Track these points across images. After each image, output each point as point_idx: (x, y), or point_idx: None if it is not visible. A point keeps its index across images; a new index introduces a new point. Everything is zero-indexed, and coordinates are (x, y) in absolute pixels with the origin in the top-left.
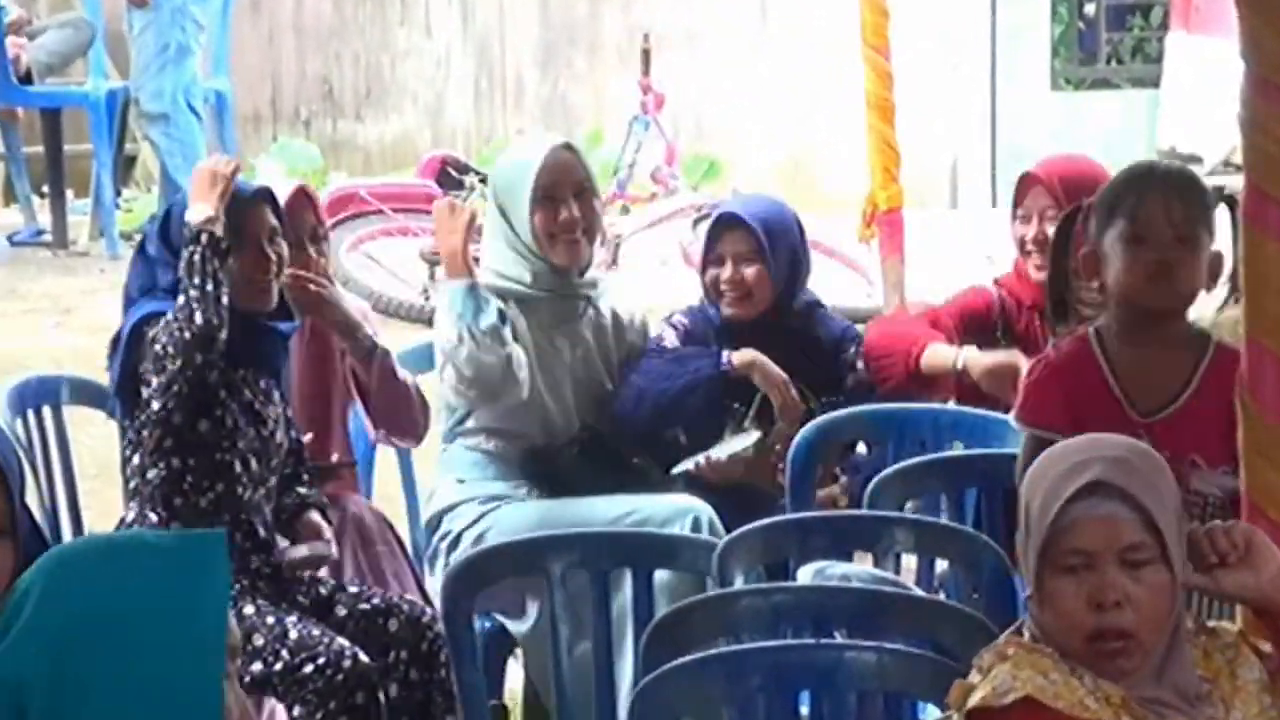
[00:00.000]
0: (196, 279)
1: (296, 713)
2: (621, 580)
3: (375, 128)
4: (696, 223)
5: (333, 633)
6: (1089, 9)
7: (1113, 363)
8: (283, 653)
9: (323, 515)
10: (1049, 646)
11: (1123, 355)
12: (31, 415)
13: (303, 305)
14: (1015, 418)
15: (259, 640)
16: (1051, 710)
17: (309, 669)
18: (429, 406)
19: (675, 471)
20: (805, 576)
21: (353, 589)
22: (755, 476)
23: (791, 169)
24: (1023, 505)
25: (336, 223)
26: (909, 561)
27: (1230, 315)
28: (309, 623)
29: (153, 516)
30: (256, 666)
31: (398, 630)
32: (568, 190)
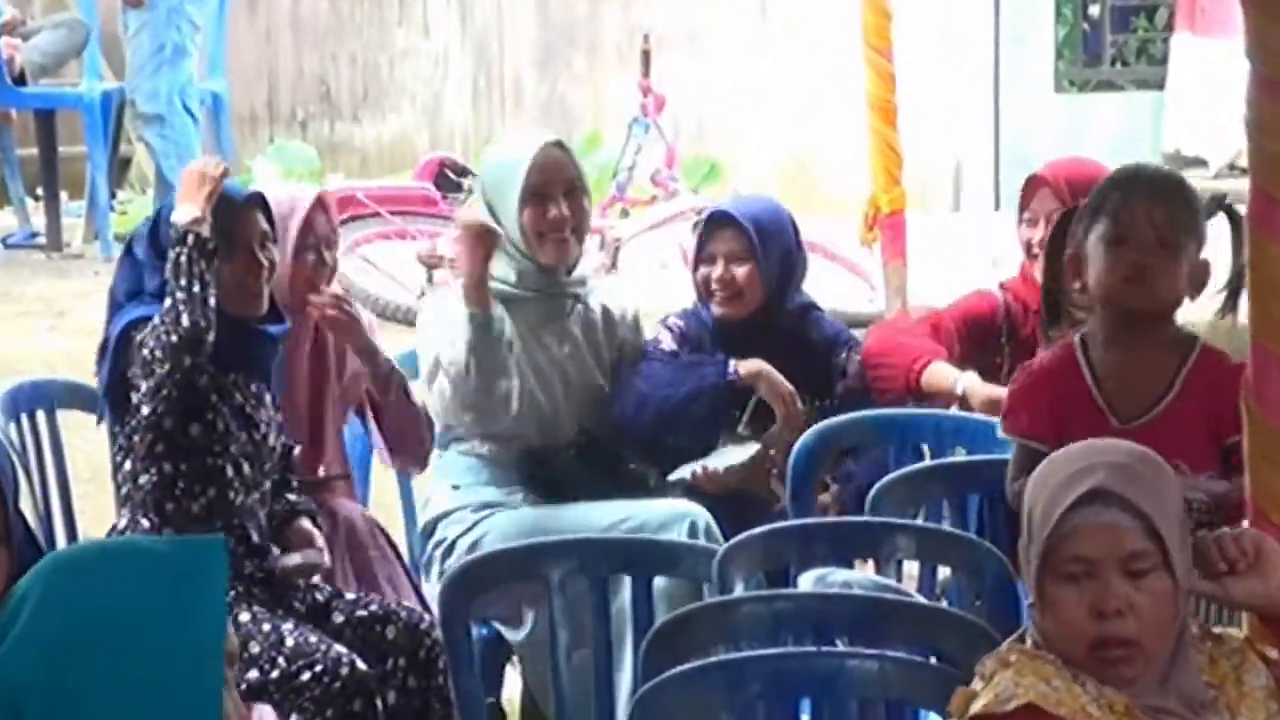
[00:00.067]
0: (183, 281)
1: None
2: (620, 587)
3: (372, 129)
4: (696, 225)
5: (330, 640)
6: (1093, 10)
7: (1095, 369)
8: (279, 660)
9: (313, 522)
10: (1051, 653)
11: (1106, 361)
12: (25, 420)
13: (333, 329)
14: (1001, 428)
15: (255, 648)
16: (1054, 717)
17: (306, 676)
18: (434, 427)
19: (672, 478)
20: (806, 583)
21: (349, 595)
22: (749, 483)
23: (793, 170)
24: (1025, 512)
25: None
26: (911, 568)
27: (1225, 324)
28: (305, 630)
29: (145, 522)
30: (253, 674)
31: (395, 637)
32: (558, 189)
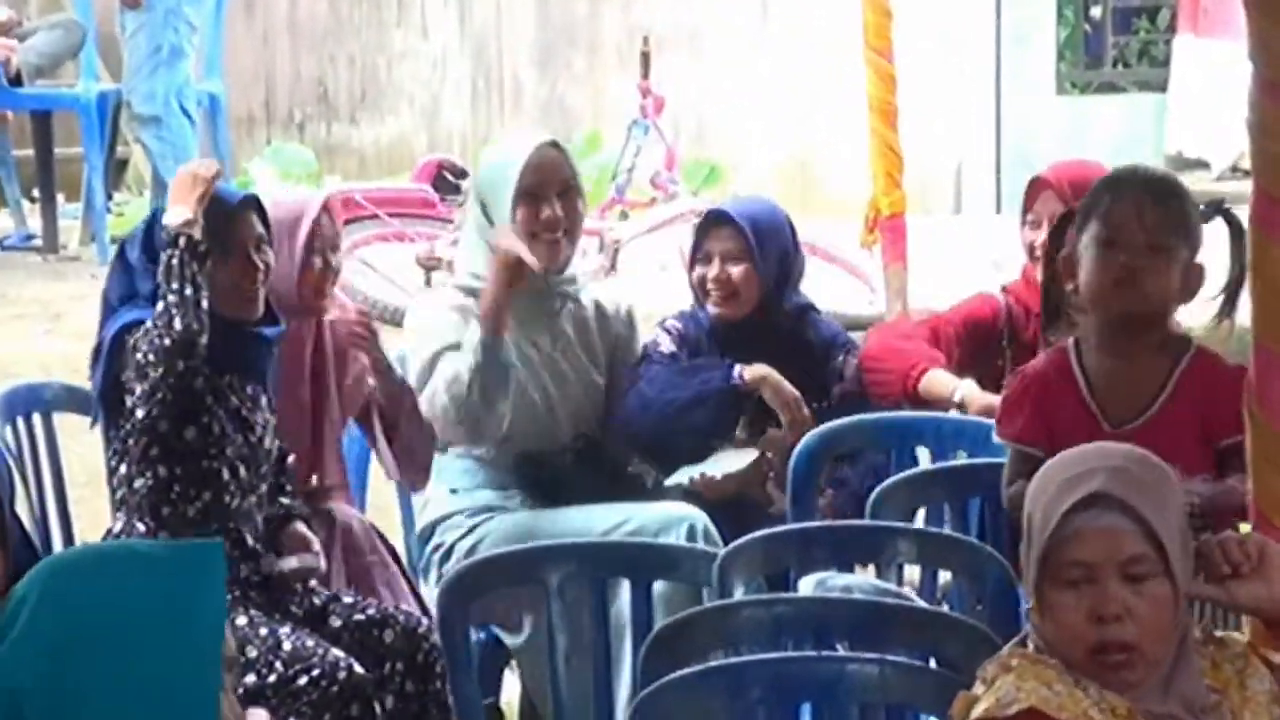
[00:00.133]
0: (175, 284)
1: None
2: (619, 591)
3: (370, 130)
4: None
5: (327, 644)
6: (1095, 12)
7: (1088, 373)
8: (276, 664)
9: (307, 526)
10: (1053, 658)
11: (1099, 364)
12: (21, 423)
13: (355, 346)
14: (995, 432)
15: (252, 652)
16: None
17: (303, 681)
18: (436, 441)
19: (669, 483)
20: (807, 587)
21: (347, 599)
22: (746, 487)
23: (793, 172)
24: (1025, 515)
25: None
26: (912, 572)
27: (1224, 328)
28: (303, 634)
29: (140, 526)
30: (250, 678)
31: (393, 641)
32: (552, 189)
